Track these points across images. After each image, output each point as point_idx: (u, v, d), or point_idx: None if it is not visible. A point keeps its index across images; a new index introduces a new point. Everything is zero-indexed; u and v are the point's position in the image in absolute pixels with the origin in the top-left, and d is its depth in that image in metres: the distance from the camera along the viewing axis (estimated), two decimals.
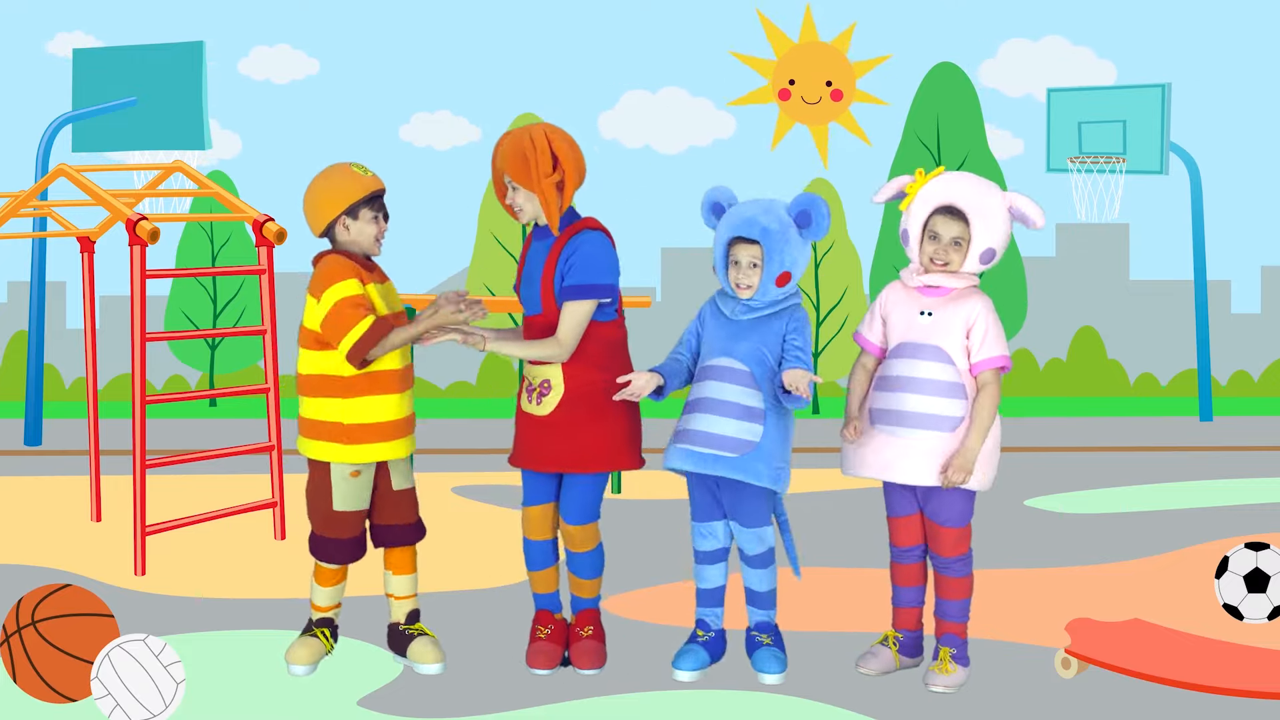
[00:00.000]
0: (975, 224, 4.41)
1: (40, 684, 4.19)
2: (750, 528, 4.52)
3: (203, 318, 11.25)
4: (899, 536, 4.59)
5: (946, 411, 4.37)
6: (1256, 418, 10.63)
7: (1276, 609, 5.02)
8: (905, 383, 4.41)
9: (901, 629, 4.65)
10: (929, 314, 4.42)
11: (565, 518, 4.62)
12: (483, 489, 7.74)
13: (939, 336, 4.41)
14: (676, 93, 11.00)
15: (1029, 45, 11.04)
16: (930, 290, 4.45)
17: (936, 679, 4.44)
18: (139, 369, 5.91)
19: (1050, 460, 8.71)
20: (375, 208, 4.54)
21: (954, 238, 4.41)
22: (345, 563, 4.62)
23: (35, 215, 7.39)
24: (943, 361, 4.39)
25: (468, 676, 4.59)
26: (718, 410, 4.42)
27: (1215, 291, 10.93)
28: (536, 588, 4.74)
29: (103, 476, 7.07)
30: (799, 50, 10.83)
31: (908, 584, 4.63)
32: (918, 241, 4.47)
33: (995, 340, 4.40)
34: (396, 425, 4.52)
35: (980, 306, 4.42)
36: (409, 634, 4.69)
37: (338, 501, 4.53)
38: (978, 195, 4.44)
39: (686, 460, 4.47)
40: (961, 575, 4.53)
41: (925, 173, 4.52)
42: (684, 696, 4.41)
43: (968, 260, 4.43)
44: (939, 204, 4.43)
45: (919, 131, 10.98)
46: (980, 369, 4.41)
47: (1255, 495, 7.54)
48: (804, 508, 6.70)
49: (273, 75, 11.02)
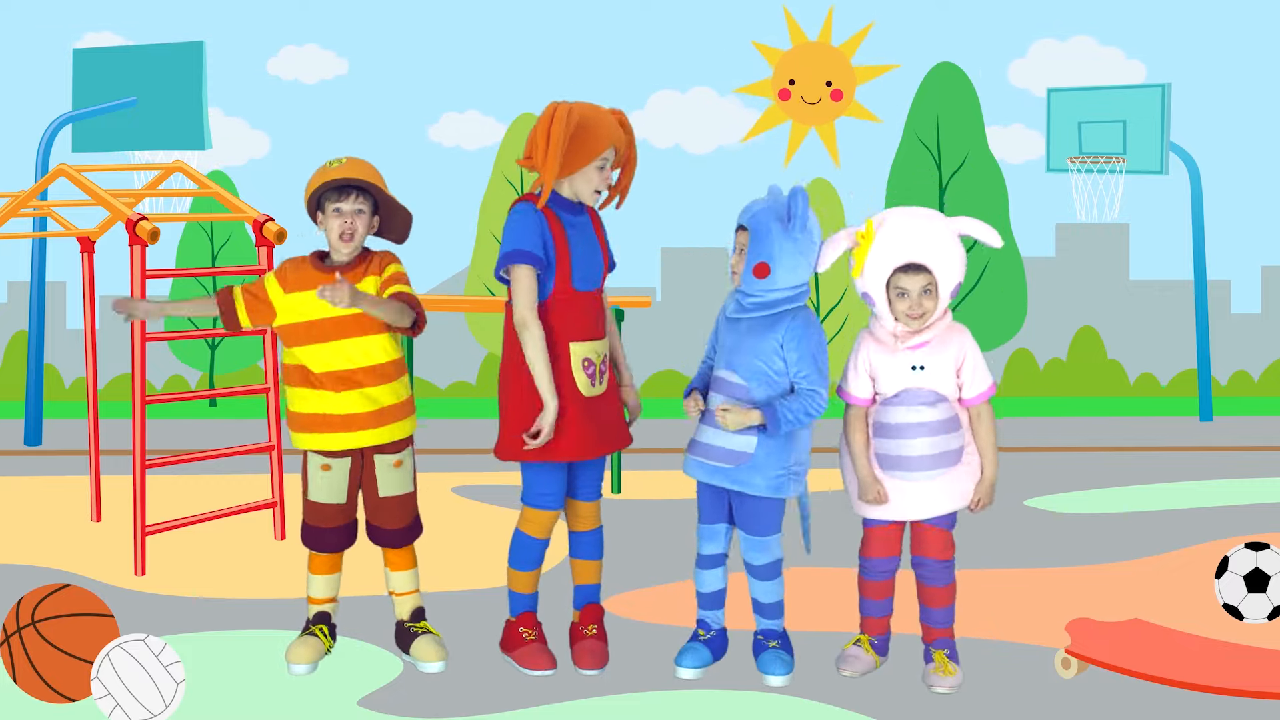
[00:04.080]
0: (939, 270, 4.39)
1: (40, 684, 4.19)
2: (755, 535, 4.52)
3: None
4: (876, 548, 4.62)
5: (950, 447, 4.46)
6: (1256, 418, 10.63)
7: (1276, 609, 5.02)
8: (908, 429, 4.46)
9: (872, 635, 4.69)
10: (921, 368, 4.46)
11: (591, 496, 4.66)
12: (483, 489, 7.74)
13: (933, 382, 4.46)
14: (705, 92, 11.01)
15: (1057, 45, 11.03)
16: (917, 346, 4.46)
17: (941, 680, 4.45)
18: (139, 369, 5.91)
19: (1050, 460, 8.70)
20: (335, 200, 4.48)
21: (923, 288, 4.40)
22: (327, 551, 4.67)
23: (35, 215, 7.40)
24: (940, 402, 4.45)
25: (468, 676, 4.59)
26: (716, 422, 4.47)
27: (1215, 291, 10.93)
28: (527, 588, 4.70)
29: (103, 476, 7.07)
30: (800, 51, 10.82)
31: (879, 597, 4.67)
32: (885, 302, 4.45)
33: (983, 372, 4.50)
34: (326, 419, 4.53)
35: (965, 343, 4.48)
36: (413, 631, 4.69)
37: (311, 491, 4.62)
38: (932, 241, 4.40)
39: (697, 470, 4.56)
40: (947, 583, 4.58)
41: (862, 232, 4.47)
42: (685, 696, 4.41)
43: (940, 303, 4.44)
44: (898, 264, 4.40)
45: (919, 132, 10.98)
46: (974, 403, 4.50)
47: (1255, 495, 7.53)
48: None
49: (301, 75, 11.02)
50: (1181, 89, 10.43)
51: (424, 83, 10.92)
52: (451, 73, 10.95)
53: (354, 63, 11.01)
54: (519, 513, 4.65)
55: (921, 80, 10.98)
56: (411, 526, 4.70)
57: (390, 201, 4.57)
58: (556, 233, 4.46)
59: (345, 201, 4.48)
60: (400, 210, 4.61)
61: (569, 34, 10.90)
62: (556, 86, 10.79)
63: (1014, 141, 11.03)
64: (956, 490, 4.51)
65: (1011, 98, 11.00)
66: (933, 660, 4.52)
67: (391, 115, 10.85)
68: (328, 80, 11.03)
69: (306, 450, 4.61)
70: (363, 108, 10.88)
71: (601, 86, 10.69)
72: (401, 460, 4.63)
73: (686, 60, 10.94)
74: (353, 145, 10.43)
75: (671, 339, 10.30)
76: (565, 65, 10.74)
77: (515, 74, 10.85)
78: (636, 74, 10.77)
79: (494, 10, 10.98)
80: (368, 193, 4.52)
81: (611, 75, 10.65)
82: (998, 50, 10.94)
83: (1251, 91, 10.92)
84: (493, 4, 10.97)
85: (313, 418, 4.55)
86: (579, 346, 4.49)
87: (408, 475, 4.66)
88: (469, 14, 10.97)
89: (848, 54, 10.70)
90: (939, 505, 4.50)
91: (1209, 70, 10.83)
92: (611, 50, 10.82)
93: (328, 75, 11.04)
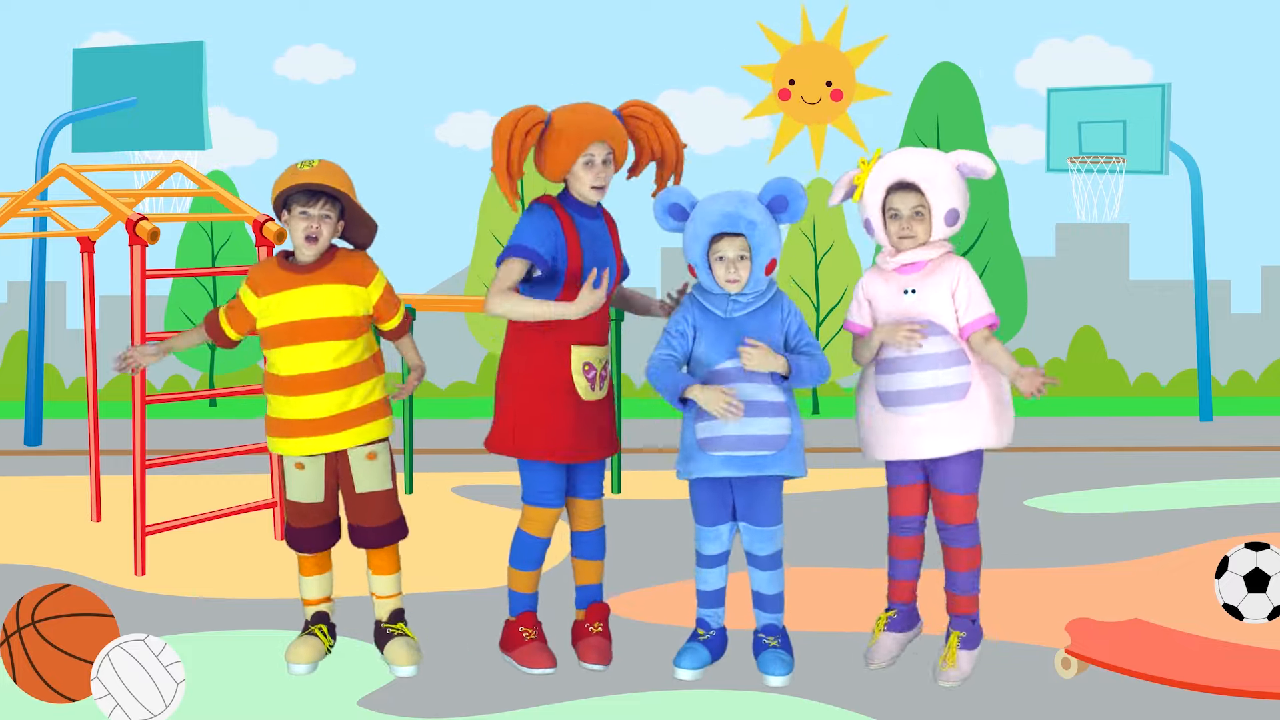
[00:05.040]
0: (929, 190, 4.45)
1: (40, 684, 4.19)
2: (764, 526, 4.51)
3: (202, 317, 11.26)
4: (900, 506, 4.61)
5: (952, 381, 4.42)
6: (1256, 418, 10.64)
7: (1276, 609, 5.02)
8: (905, 362, 4.44)
9: (896, 602, 4.68)
10: (913, 291, 4.47)
11: (587, 495, 4.66)
12: (483, 489, 7.74)
13: (928, 310, 4.45)
14: (713, 93, 11.02)
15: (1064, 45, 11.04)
16: (908, 268, 4.50)
17: (947, 674, 4.46)
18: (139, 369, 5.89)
19: (1050, 460, 8.70)
20: (303, 204, 4.46)
21: (914, 209, 4.46)
22: (310, 551, 4.67)
23: (35, 215, 7.40)
24: (937, 334, 4.43)
25: (468, 676, 4.59)
26: (748, 411, 4.40)
27: (1215, 291, 10.93)
28: (527, 588, 4.70)
29: (103, 476, 7.07)
30: (800, 51, 10.82)
31: (905, 556, 4.66)
32: (881, 226, 4.52)
33: (980, 299, 4.46)
34: (292, 424, 4.54)
35: (959, 269, 4.48)
36: (390, 633, 4.68)
37: (290, 491, 4.64)
38: (924, 163, 4.49)
39: (727, 466, 4.43)
40: (970, 545, 4.54)
41: (866, 160, 4.56)
42: (685, 696, 4.40)
43: (934, 228, 4.46)
44: (890, 182, 4.48)
45: (919, 131, 10.98)
46: (971, 330, 4.45)
47: (1255, 495, 7.53)
48: (804, 508, 6.70)
49: (309, 75, 11.05)
50: (1182, 89, 10.43)
51: (431, 83, 10.92)
52: (459, 73, 10.95)
53: (361, 63, 11.02)
54: (520, 512, 4.66)
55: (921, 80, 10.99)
56: (395, 525, 4.65)
57: (357, 210, 4.55)
58: (569, 234, 4.48)
59: (313, 207, 4.46)
60: (366, 219, 4.60)
61: (577, 34, 10.90)
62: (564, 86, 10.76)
63: (1020, 142, 11.03)
64: (960, 427, 4.42)
65: (1018, 98, 11.01)
66: (947, 641, 4.53)
67: (398, 115, 10.86)
68: (335, 80, 11.05)
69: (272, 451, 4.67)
70: (370, 108, 10.89)
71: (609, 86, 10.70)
72: (375, 453, 4.58)
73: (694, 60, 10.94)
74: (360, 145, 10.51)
75: None
76: (573, 65, 10.75)
77: (523, 74, 10.85)
78: (644, 73, 10.78)
79: (502, 10, 10.98)
80: (336, 199, 4.51)
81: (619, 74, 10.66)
82: (1004, 51, 10.95)
83: (1251, 91, 10.92)
84: (501, 4, 10.98)
85: (283, 423, 4.57)
86: (581, 350, 4.50)
87: (385, 470, 4.62)
88: (477, 14, 10.98)
89: (855, 61, 10.68)
90: (943, 444, 4.43)
91: (1210, 70, 10.84)
92: (619, 50, 10.82)
93: (335, 75, 11.06)
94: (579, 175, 4.49)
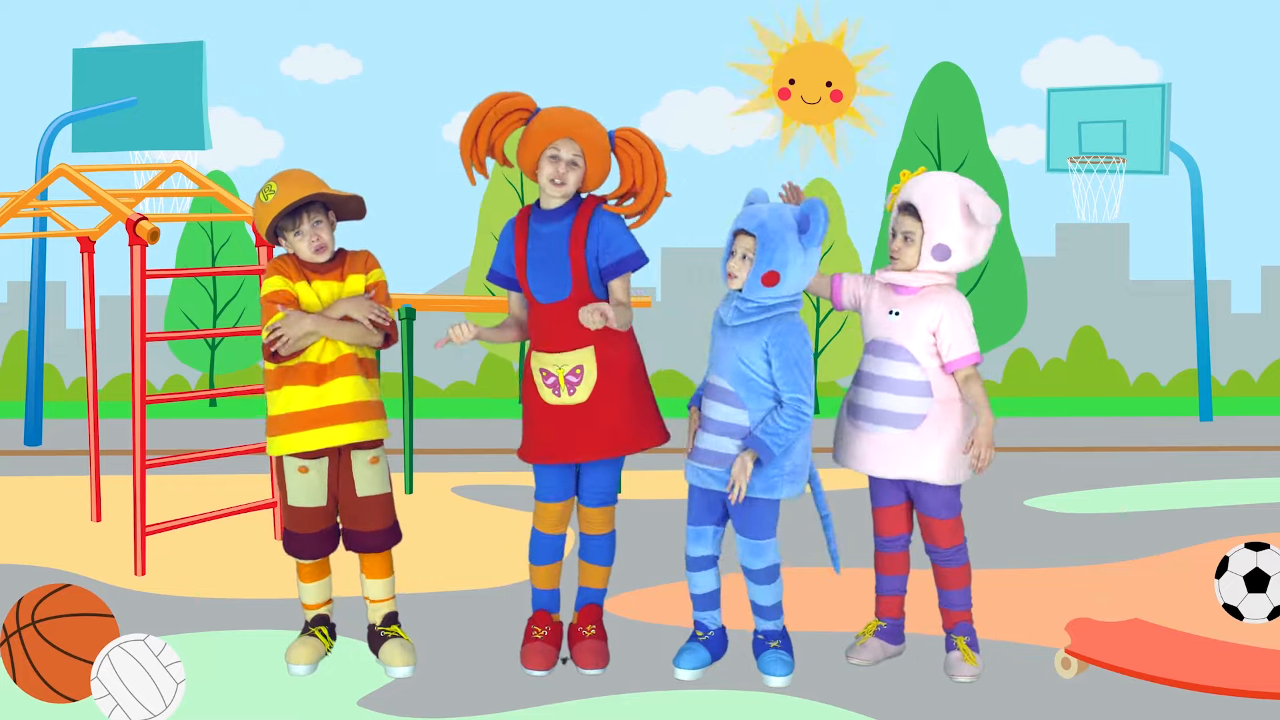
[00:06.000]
0: (926, 219, 4.45)
1: (40, 684, 4.19)
2: (750, 539, 4.51)
3: (203, 318, 11.25)
4: (882, 527, 4.67)
5: (910, 410, 4.46)
6: (1256, 418, 10.63)
7: (1276, 609, 5.02)
8: (875, 380, 4.51)
9: (885, 617, 4.72)
10: (896, 313, 4.50)
11: (591, 502, 4.66)
12: (483, 489, 7.74)
13: (904, 337, 4.48)
14: (719, 93, 11.01)
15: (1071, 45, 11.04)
16: (899, 290, 4.53)
17: (963, 668, 4.47)
18: (139, 369, 5.91)
19: (1050, 460, 8.70)
20: (291, 226, 4.49)
21: (904, 233, 4.49)
22: (309, 558, 4.65)
23: (35, 215, 7.40)
24: (908, 361, 4.47)
25: (467, 676, 4.59)
26: (711, 429, 4.49)
27: (1215, 291, 10.94)
28: (540, 583, 4.73)
29: (103, 476, 7.07)
30: (800, 50, 10.82)
31: (890, 573, 4.71)
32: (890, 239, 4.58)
33: (965, 340, 4.46)
34: (305, 417, 4.50)
35: (942, 309, 4.46)
36: (384, 635, 4.68)
37: (291, 496, 4.59)
38: (931, 191, 4.49)
39: (696, 476, 4.56)
40: (959, 565, 4.60)
41: (911, 173, 4.60)
42: (685, 696, 4.41)
43: (921, 257, 4.46)
44: (899, 201, 4.54)
45: (919, 131, 10.98)
46: (953, 369, 4.48)
47: (1255, 495, 7.54)
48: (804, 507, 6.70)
49: (315, 75, 11.05)
50: (1181, 89, 10.43)
51: (437, 83, 10.92)
52: (465, 73, 10.95)
53: (368, 63, 11.02)
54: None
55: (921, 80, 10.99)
56: (392, 530, 4.66)
57: (336, 196, 4.56)
58: (518, 246, 4.59)
59: (302, 223, 4.50)
60: (349, 197, 4.61)
61: (583, 34, 10.90)
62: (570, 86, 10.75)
63: (1026, 141, 11.03)
64: (907, 455, 4.46)
65: (1024, 98, 11.00)
66: (955, 648, 4.54)
67: (405, 115, 10.85)
68: (341, 80, 11.05)
69: (283, 455, 4.59)
70: (376, 108, 10.89)
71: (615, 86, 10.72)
72: (377, 457, 4.60)
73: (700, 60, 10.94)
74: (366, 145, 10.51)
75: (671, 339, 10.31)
76: (579, 65, 10.76)
77: (529, 74, 10.83)
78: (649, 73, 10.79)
79: (508, 10, 10.98)
80: (314, 203, 4.52)
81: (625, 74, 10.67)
82: (1010, 51, 10.95)
83: (1251, 91, 10.93)
84: (507, 4, 10.98)
85: (291, 417, 4.53)
86: (539, 357, 4.58)
87: (384, 475, 4.64)
88: (483, 14, 10.98)
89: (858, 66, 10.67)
90: (888, 466, 4.49)
91: (1210, 70, 10.84)
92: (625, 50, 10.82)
93: (341, 75, 11.07)
94: (542, 168, 4.53)
